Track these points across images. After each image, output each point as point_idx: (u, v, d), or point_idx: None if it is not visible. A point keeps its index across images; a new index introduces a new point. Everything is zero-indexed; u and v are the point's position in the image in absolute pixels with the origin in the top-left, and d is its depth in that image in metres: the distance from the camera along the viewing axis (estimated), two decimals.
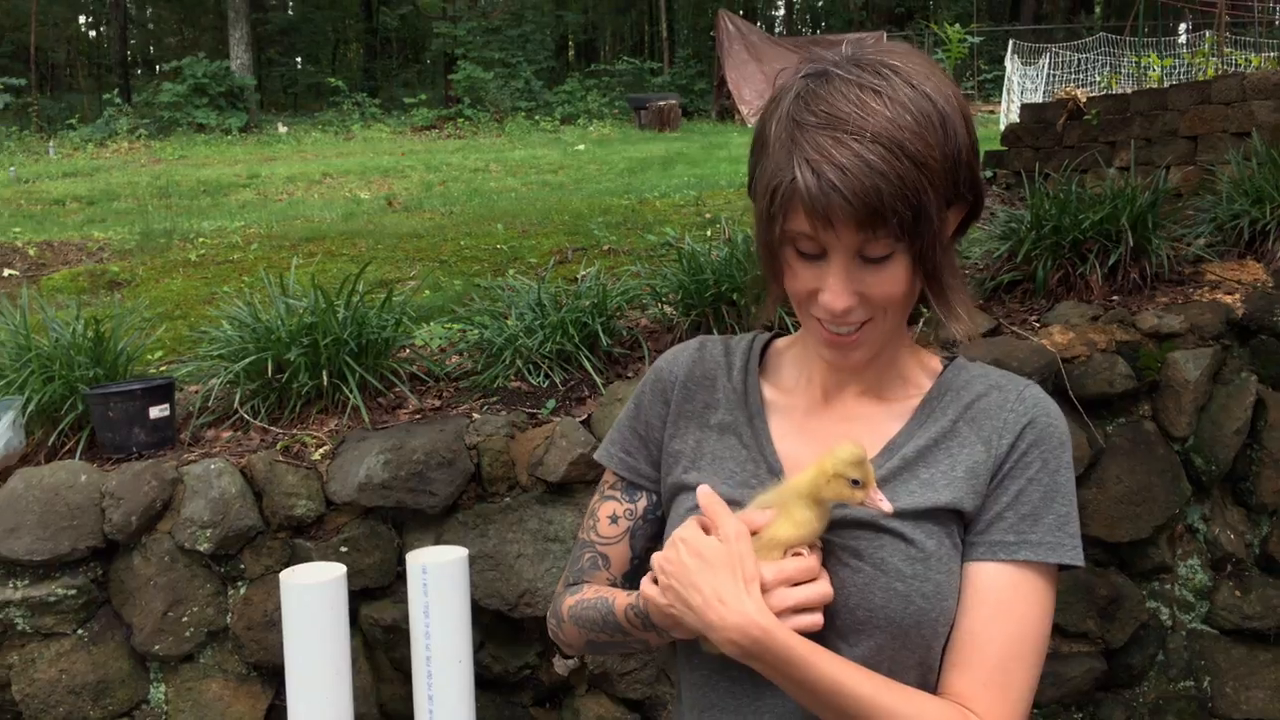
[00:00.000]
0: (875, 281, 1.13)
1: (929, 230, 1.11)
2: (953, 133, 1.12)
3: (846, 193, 1.06)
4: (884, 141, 1.07)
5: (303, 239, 6.35)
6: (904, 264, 1.13)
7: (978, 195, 1.19)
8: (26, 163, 14.38)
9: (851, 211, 1.07)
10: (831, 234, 1.10)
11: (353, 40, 34.57)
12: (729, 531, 1.11)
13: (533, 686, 3.38)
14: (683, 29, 31.09)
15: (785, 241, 1.14)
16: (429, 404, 3.62)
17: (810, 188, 1.07)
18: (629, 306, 4.11)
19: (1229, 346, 3.78)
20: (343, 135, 18.67)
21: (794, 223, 1.11)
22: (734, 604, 1.07)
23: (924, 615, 1.14)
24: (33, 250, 6.43)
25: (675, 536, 1.14)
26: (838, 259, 1.12)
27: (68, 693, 3.16)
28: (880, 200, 1.07)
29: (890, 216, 1.08)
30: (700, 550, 1.11)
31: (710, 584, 1.09)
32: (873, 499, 1.10)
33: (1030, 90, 13.45)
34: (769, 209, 1.12)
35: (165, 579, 3.17)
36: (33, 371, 3.51)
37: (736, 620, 1.07)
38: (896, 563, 1.15)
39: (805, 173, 1.08)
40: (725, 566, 1.09)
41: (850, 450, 1.10)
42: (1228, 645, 3.69)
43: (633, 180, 9.77)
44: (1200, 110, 5.35)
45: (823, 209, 1.07)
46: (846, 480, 1.10)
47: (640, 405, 1.38)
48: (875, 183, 1.06)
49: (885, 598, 1.14)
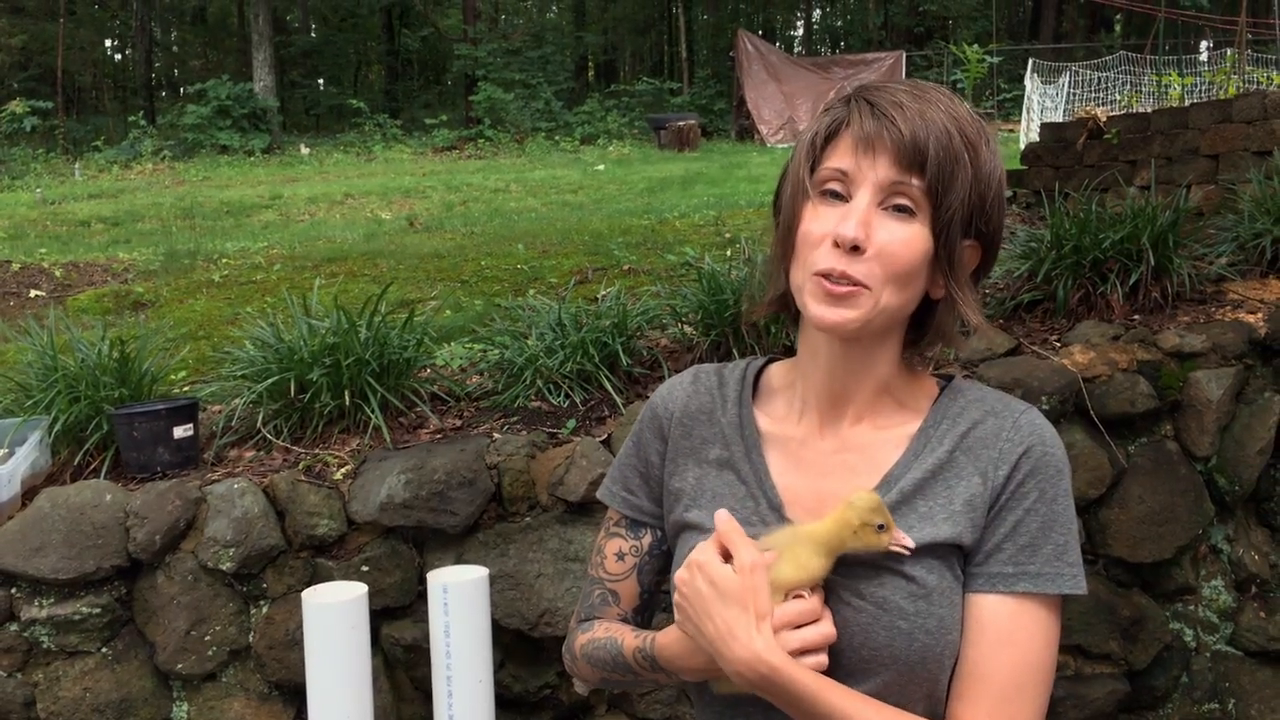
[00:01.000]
0: (890, 234, 1.14)
1: (958, 205, 1.14)
2: (994, 154, 1.19)
3: (899, 123, 1.13)
4: (941, 107, 1.15)
5: (325, 259, 6.40)
6: (921, 234, 1.15)
7: (995, 240, 1.22)
8: (52, 184, 14.55)
9: (899, 138, 1.12)
10: (869, 163, 1.14)
11: (374, 62, 34.83)
12: (745, 563, 1.11)
13: (553, 706, 3.38)
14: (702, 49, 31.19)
15: (815, 187, 1.18)
16: (450, 424, 3.64)
17: (865, 115, 1.15)
18: (649, 326, 4.12)
19: (1251, 366, 3.76)
20: (364, 156, 18.81)
21: (834, 159, 1.16)
22: (744, 640, 1.09)
23: (929, 651, 1.14)
24: (59, 271, 6.50)
25: (692, 560, 1.15)
26: (864, 193, 1.15)
27: (91, 711, 3.18)
28: (926, 141, 1.12)
29: (931, 160, 1.12)
30: (714, 579, 1.11)
31: (723, 617, 1.10)
32: (898, 539, 1.13)
33: (1050, 109, 13.43)
34: (810, 144, 1.19)
35: (188, 598, 3.19)
36: (59, 392, 3.55)
37: (745, 657, 1.08)
38: (898, 600, 1.15)
39: (862, 107, 1.16)
40: (738, 601, 1.10)
41: (869, 499, 1.12)
42: (1253, 667, 3.65)
43: (652, 200, 9.79)
44: (1221, 129, 5.33)
45: (870, 134, 1.13)
46: (873, 527, 1.12)
47: (639, 443, 1.38)
48: (926, 126, 1.13)
49: (889, 636, 1.15)
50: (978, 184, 1.15)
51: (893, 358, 1.25)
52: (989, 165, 1.17)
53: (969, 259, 1.21)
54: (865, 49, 28.04)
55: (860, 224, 1.13)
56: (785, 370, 1.34)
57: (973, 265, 1.22)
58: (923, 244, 1.15)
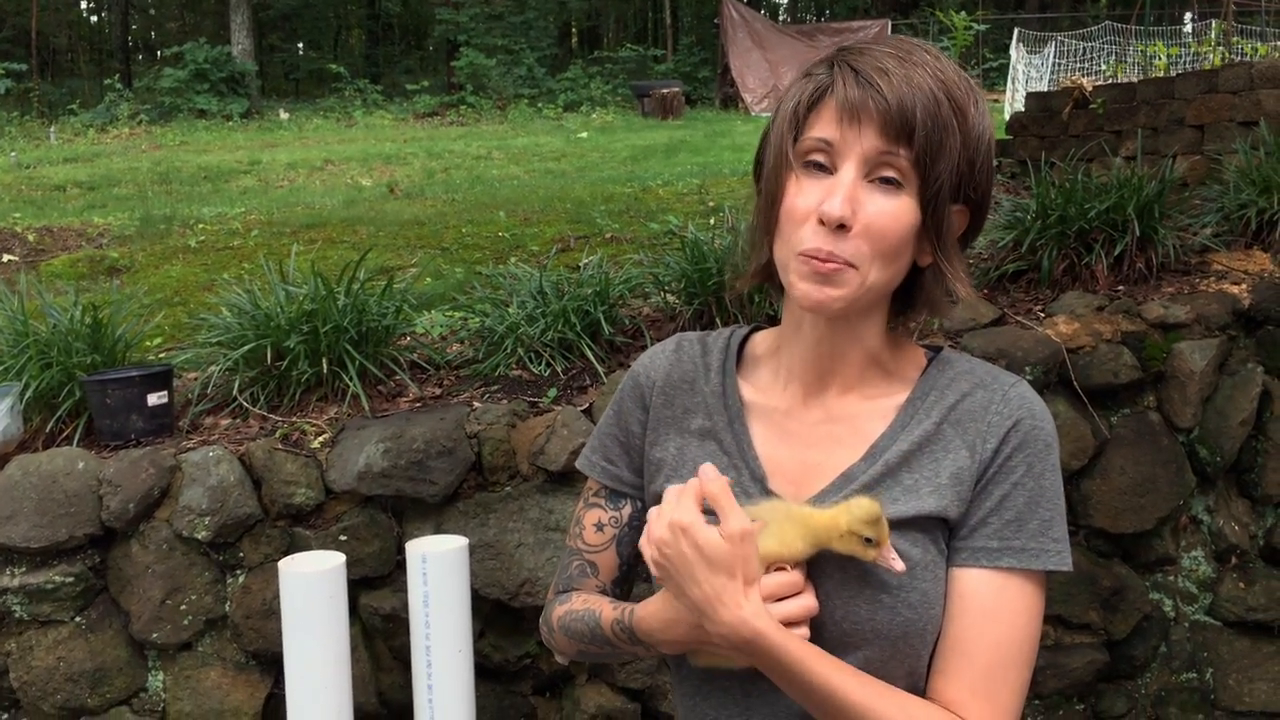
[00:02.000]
0: (877, 208, 1.10)
1: (946, 174, 1.10)
2: (983, 115, 1.14)
3: (884, 92, 1.08)
4: (929, 73, 1.10)
5: (303, 226, 6.32)
6: (909, 206, 1.11)
7: (984, 202, 1.18)
8: (27, 148, 14.34)
9: (885, 109, 1.08)
10: (854, 134, 1.09)
11: (355, 26, 34.40)
12: (734, 531, 1.08)
13: (533, 676, 3.37)
14: (686, 16, 30.93)
15: (799, 158, 1.13)
16: (429, 392, 3.60)
17: (848, 83, 1.10)
18: (631, 295, 4.08)
19: (1235, 337, 3.76)
20: (344, 122, 18.62)
21: (817, 128, 1.11)
22: (733, 606, 1.06)
23: (911, 625, 1.13)
24: (32, 236, 6.40)
25: (674, 521, 1.10)
26: (850, 166, 1.10)
27: (65, 680, 3.15)
28: (914, 110, 1.08)
29: (919, 130, 1.08)
30: (700, 545, 1.08)
31: (710, 583, 1.07)
32: (885, 557, 1.09)
33: (1035, 79, 13.39)
34: (793, 112, 1.13)
35: (163, 567, 3.16)
36: (30, 358, 3.49)
37: (733, 621, 1.06)
38: (881, 573, 1.13)
39: (845, 73, 1.11)
40: (725, 569, 1.07)
41: (868, 508, 1.08)
42: (1231, 637, 3.67)
43: (635, 168, 9.73)
44: (1207, 99, 5.30)
45: (855, 105, 1.08)
46: (860, 539, 1.08)
47: (619, 412, 1.35)
48: (913, 94, 1.08)
49: (871, 610, 1.13)
50: (966, 149, 1.12)
51: (879, 329, 1.22)
52: (978, 128, 1.13)
53: (957, 224, 1.18)
54: (851, 16, 27.87)
55: (846, 200, 1.09)
56: (770, 339, 1.31)
57: (961, 229, 1.19)
58: (910, 216, 1.11)
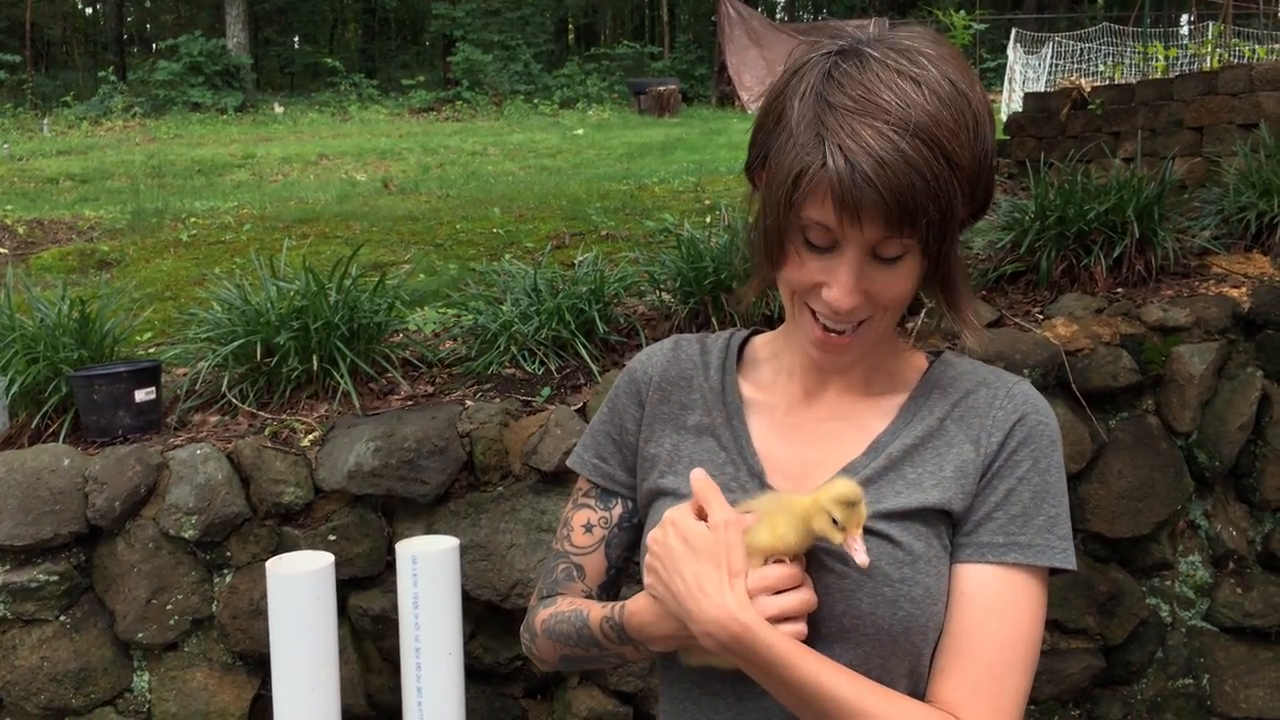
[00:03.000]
0: (884, 281, 1.08)
1: (950, 233, 1.06)
2: (983, 135, 1.07)
3: (882, 187, 1.00)
4: (924, 136, 1.01)
5: (296, 220, 6.27)
6: (915, 265, 1.08)
7: (989, 199, 1.15)
8: (20, 140, 14.27)
9: (884, 208, 1.01)
10: (856, 228, 1.04)
11: (350, 20, 34.33)
12: (719, 519, 1.07)
13: (524, 678, 3.33)
14: (683, 13, 30.91)
15: (796, 229, 1.08)
16: (421, 390, 3.56)
17: (843, 177, 1.01)
18: (626, 293, 4.05)
19: (1234, 341, 3.73)
20: (339, 116, 18.57)
21: (814, 211, 1.05)
22: (715, 596, 1.03)
23: (913, 620, 1.10)
24: (22, 229, 6.35)
25: (666, 517, 1.10)
26: (852, 254, 1.06)
27: (49, 680, 3.10)
28: (914, 199, 1.01)
29: (920, 216, 1.02)
30: (688, 535, 1.07)
31: (694, 572, 1.05)
32: (850, 544, 1.04)
33: (1032, 80, 13.36)
34: (789, 194, 1.05)
35: (149, 566, 3.11)
36: (16, 352, 3.45)
37: (715, 613, 1.03)
38: (883, 566, 1.10)
39: (838, 160, 1.01)
40: (710, 556, 1.05)
41: (843, 489, 1.05)
42: (1228, 643, 3.65)
43: (631, 165, 9.69)
44: (1206, 101, 5.28)
45: (854, 202, 1.01)
46: (829, 517, 1.05)
47: (614, 409, 1.32)
48: (911, 180, 1.01)
49: (872, 603, 1.10)
50: (972, 187, 1.07)
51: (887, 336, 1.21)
52: (980, 149, 1.07)
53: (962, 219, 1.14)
54: (848, 15, 27.87)
55: (853, 291, 1.07)
56: (770, 341, 1.30)
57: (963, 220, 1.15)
58: (916, 273, 1.10)
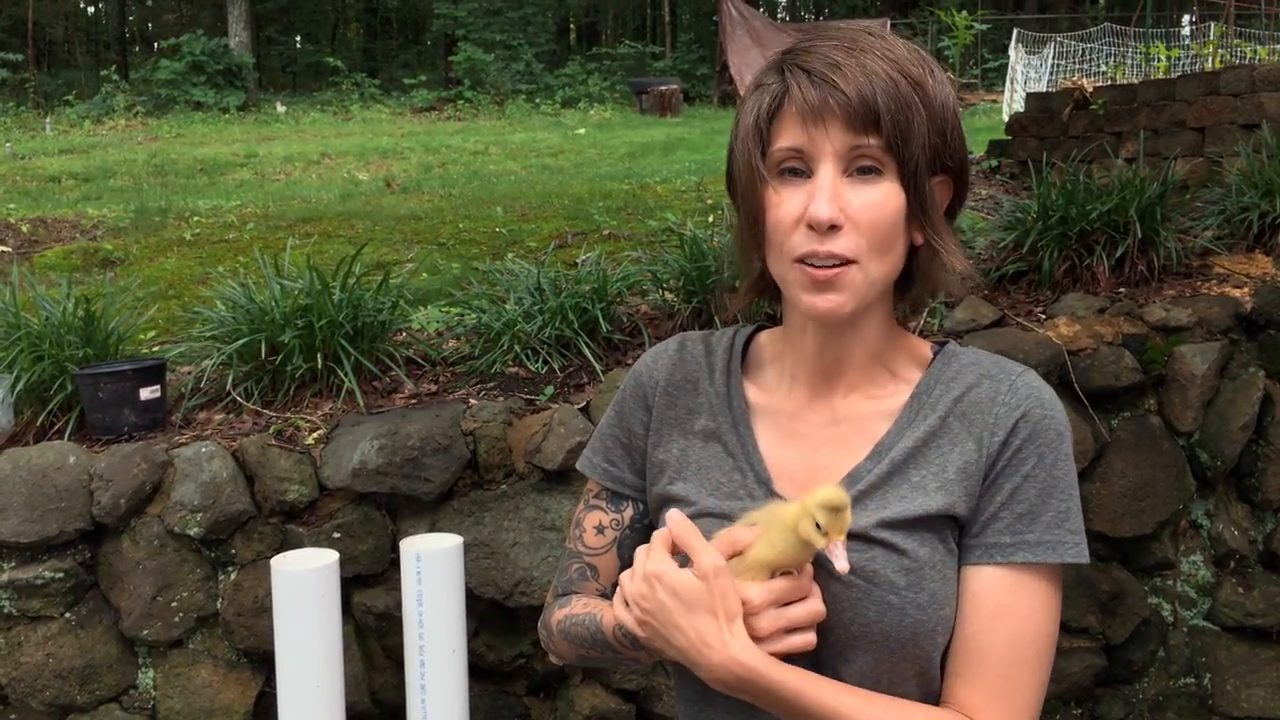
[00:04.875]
0: (862, 201, 1.09)
1: (920, 151, 1.09)
2: (941, 82, 1.12)
3: (842, 86, 1.07)
4: (878, 54, 1.09)
5: (299, 219, 6.28)
6: (893, 191, 1.09)
7: (963, 168, 1.17)
8: (23, 139, 14.27)
9: (846, 104, 1.06)
10: (822, 135, 1.08)
11: (352, 20, 34.31)
12: (706, 568, 1.05)
13: (527, 676, 3.34)
14: (685, 13, 30.87)
15: (771, 170, 1.11)
16: (425, 389, 3.57)
17: (804, 86, 1.08)
18: (629, 292, 4.05)
19: (1237, 341, 3.73)
20: (341, 115, 18.57)
21: (783, 137, 1.10)
22: (719, 647, 1.04)
23: (920, 627, 1.09)
24: (26, 227, 6.35)
25: (648, 572, 1.08)
26: (826, 166, 1.09)
27: (54, 677, 3.11)
28: (874, 97, 1.07)
29: (884, 115, 1.07)
30: (677, 589, 1.06)
31: (693, 626, 1.05)
32: (831, 550, 1.03)
33: (1034, 80, 13.35)
34: (755, 126, 1.11)
35: (154, 563, 3.12)
36: (22, 350, 3.46)
37: (723, 662, 1.04)
38: (889, 574, 1.10)
39: (798, 76, 1.09)
40: (705, 607, 1.04)
41: (828, 495, 1.03)
42: (1229, 642, 3.65)
43: (633, 165, 9.69)
44: (1208, 101, 5.28)
45: (816, 104, 1.07)
46: (812, 521, 1.04)
47: (621, 413, 1.32)
48: (870, 81, 1.07)
49: (879, 611, 1.10)
50: (934, 121, 1.10)
51: (883, 320, 1.20)
52: (939, 97, 1.11)
53: (941, 197, 1.16)
54: (850, 14, 27.85)
55: (831, 200, 1.07)
56: (774, 340, 1.29)
57: (946, 201, 1.18)
58: (895, 200, 1.10)
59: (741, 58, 20.37)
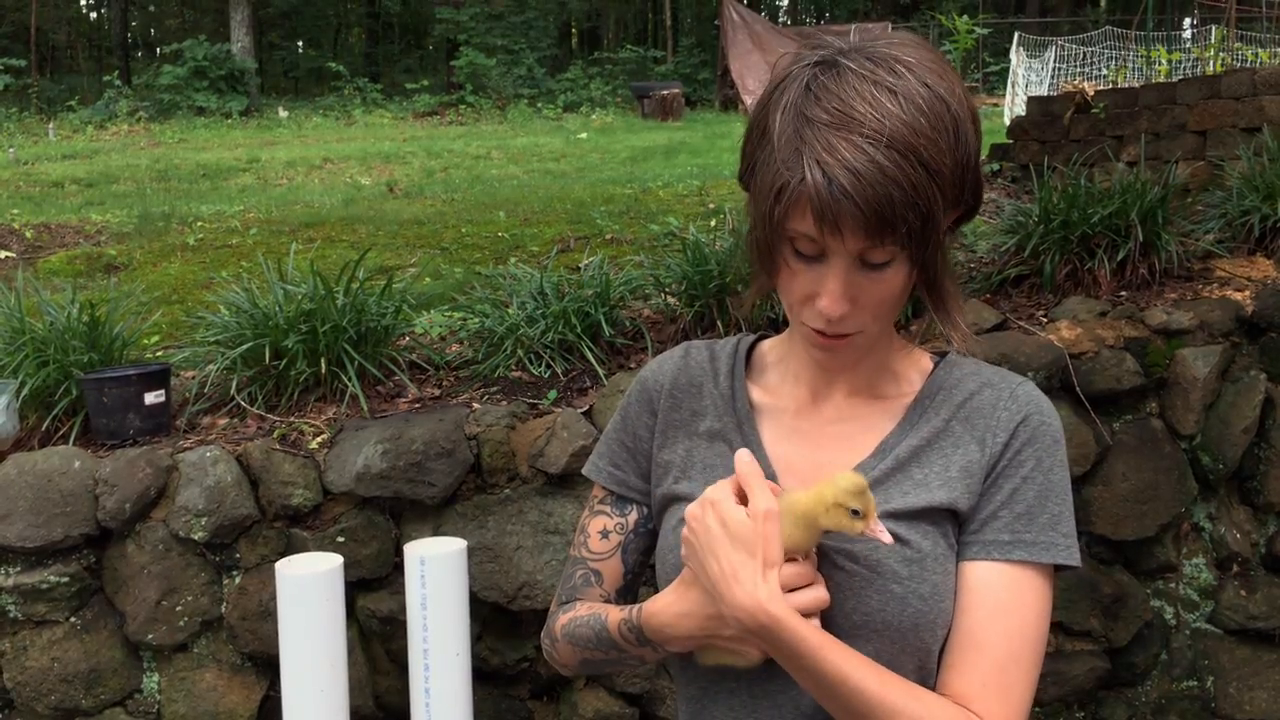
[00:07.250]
0: (873, 287, 1.10)
1: (934, 237, 1.08)
2: (964, 139, 1.09)
3: (858, 199, 1.02)
4: (899, 147, 1.03)
5: (302, 224, 6.30)
6: (903, 270, 1.10)
7: (977, 199, 1.16)
8: (26, 144, 14.31)
9: (862, 219, 1.03)
10: (837, 239, 1.06)
11: (354, 25, 34.38)
12: (759, 509, 1.07)
13: (531, 679, 3.35)
14: (686, 17, 30.91)
15: (784, 240, 1.10)
16: (428, 393, 3.58)
17: (820, 191, 1.03)
18: (632, 296, 4.06)
19: (1238, 344, 3.74)
20: (344, 120, 18.60)
21: (797, 223, 1.07)
22: (749, 586, 1.05)
23: (921, 617, 1.12)
24: (29, 233, 6.38)
25: (706, 495, 1.11)
26: (838, 263, 1.09)
27: (59, 681, 3.12)
28: (892, 209, 1.03)
29: (900, 225, 1.04)
30: (726, 520, 1.08)
31: (729, 558, 1.06)
32: (873, 529, 1.07)
33: (1035, 83, 13.36)
34: (772, 208, 1.08)
35: (159, 567, 3.13)
36: (27, 355, 3.47)
37: (748, 603, 1.05)
38: (892, 564, 1.12)
39: (815, 174, 1.03)
40: (746, 545, 1.06)
41: (851, 480, 1.07)
42: (1232, 645, 3.66)
43: (635, 169, 9.71)
44: (1210, 105, 5.30)
45: (832, 214, 1.04)
46: (847, 510, 1.06)
47: (627, 417, 1.34)
48: (888, 190, 1.03)
49: (881, 600, 1.12)
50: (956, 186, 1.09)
51: (887, 336, 1.23)
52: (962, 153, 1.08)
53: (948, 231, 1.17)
54: (851, 19, 27.88)
55: (841, 299, 1.09)
56: (777, 345, 1.32)
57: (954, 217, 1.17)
58: (904, 276, 1.11)
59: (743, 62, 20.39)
